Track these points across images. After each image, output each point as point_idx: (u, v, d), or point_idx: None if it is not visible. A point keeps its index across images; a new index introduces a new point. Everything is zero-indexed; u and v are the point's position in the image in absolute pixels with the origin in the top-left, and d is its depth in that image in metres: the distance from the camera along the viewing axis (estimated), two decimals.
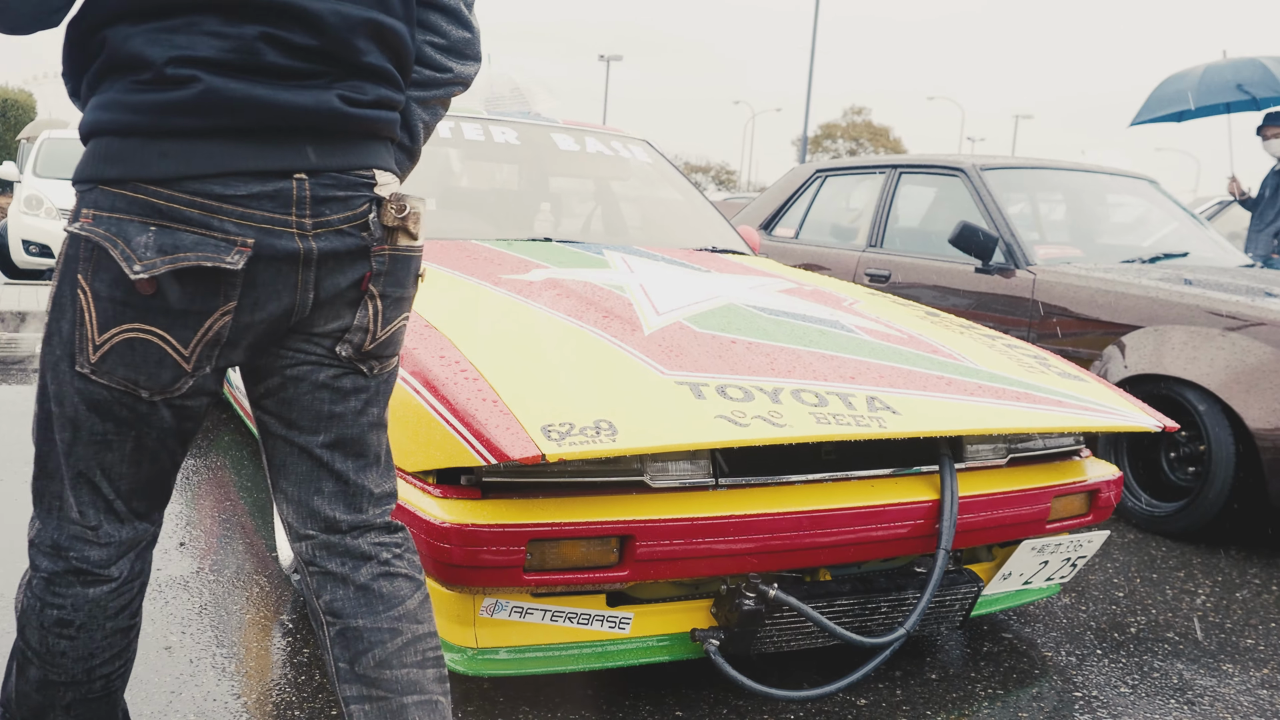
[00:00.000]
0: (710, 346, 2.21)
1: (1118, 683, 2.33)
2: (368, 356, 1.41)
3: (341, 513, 1.43)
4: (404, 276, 1.41)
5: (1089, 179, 4.86)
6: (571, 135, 3.79)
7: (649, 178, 3.91)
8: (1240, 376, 3.31)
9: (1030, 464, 2.41)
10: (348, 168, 1.34)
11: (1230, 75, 6.64)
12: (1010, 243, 4.23)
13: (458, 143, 3.57)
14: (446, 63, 1.49)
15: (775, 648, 2.07)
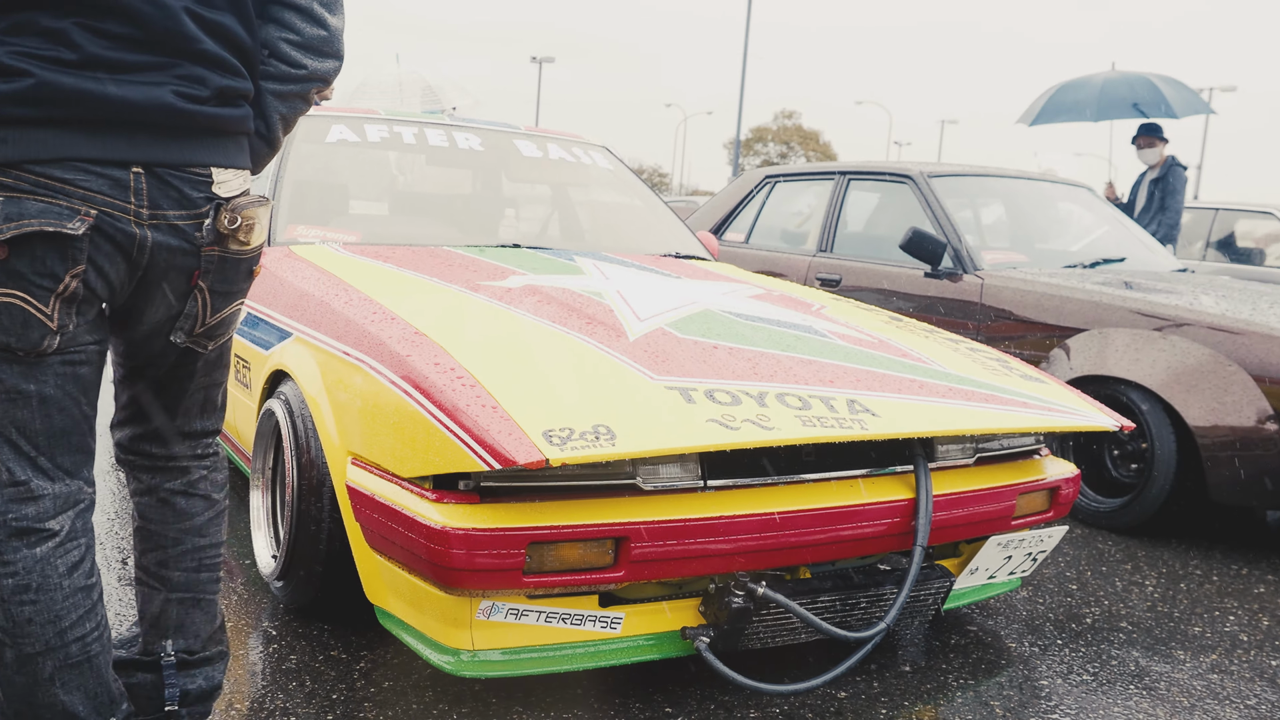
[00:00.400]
0: (694, 352, 2.27)
1: (1079, 671, 2.44)
2: (201, 338, 1.60)
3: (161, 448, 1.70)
4: (233, 275, 1.58)
5: (1031, 186, 5.02)
6: (534, 141, 3.83)
7: (609, 184, 3.96)
8: (1180, 377, 3.46)
9: (995, 463, 2.51)
10: (184, 164, 1.44)
11: (1126, 92, 7.18)
12: (958, 248, 4.36)
13: (422, 148, 3.58)
14: (301, 59, 1.59)
15: (761, 644, 2.14)
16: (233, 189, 1.52)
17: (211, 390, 1.73)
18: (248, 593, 2.59)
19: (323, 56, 1.62)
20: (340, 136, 3.47)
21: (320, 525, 2.27)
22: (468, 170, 3.82)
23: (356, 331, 2.28)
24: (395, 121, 3.61)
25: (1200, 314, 3.57)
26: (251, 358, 2.78)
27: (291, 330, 2.55)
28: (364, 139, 3.49)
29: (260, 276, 2.89)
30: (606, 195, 3.94)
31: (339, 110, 3.60)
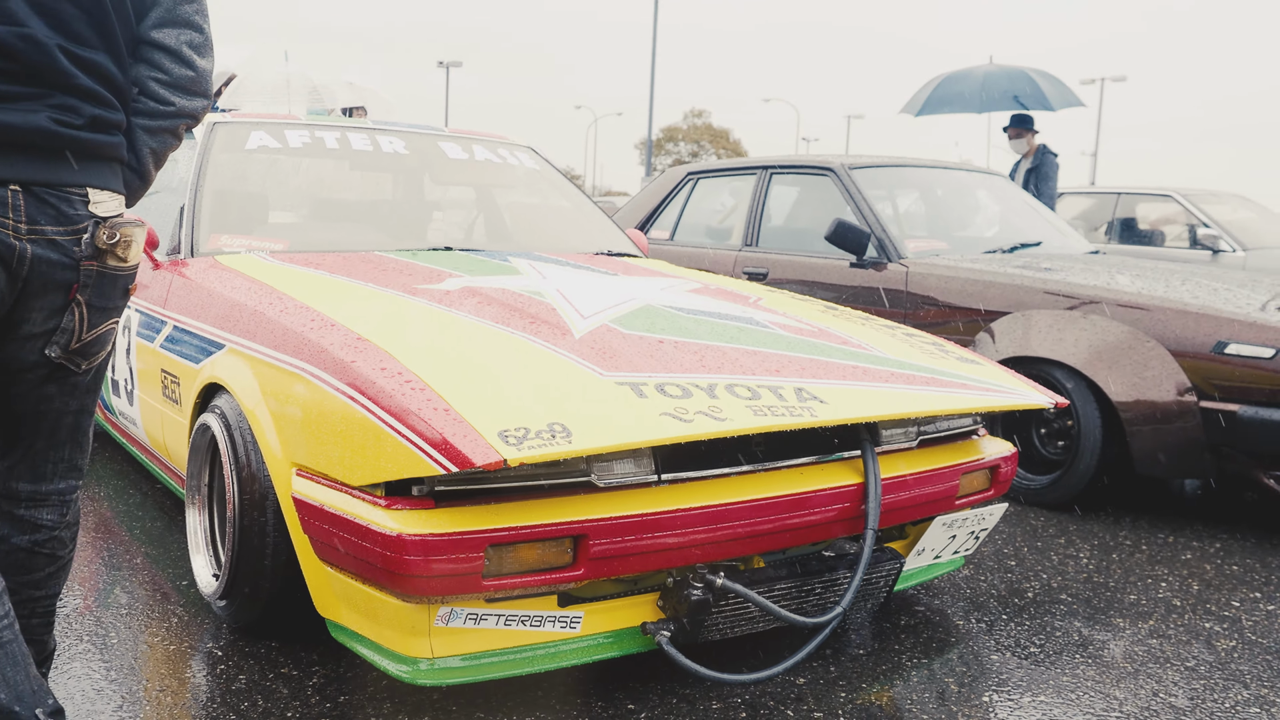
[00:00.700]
0: (641, 347, 2.26)
1: (1026, 644, 2.50)
2: (75, 355, 1.64)
3: (25, 483, 1.71)
4: (110, 290, 1.65)
5: (948, 175, 5.14)
6: (459, 143, 3.78)
7: (537, 184, 3.94)
8: (1101, 354, 3.57)
9: (937, 445, 2.56)
10: (60, 184, 1.54)
11: (1007, 85, 7.58)
12: (882, 238, 4.44)
13: (345, 153, 3.52)
14: (170, 96, 1.70)
15: (721, 635, 2.14)
16: (109, 209, 1.62)
17: (83, 418, 1.75)
18: (188, 614, 2.51)
19: (191, 95, 1.73)
20: (261, 143, 3.39)
21: (265, 540, 2.21)
22: (393, 174, 3.77)
23: (295, 339, 2.22)
24: (317, 127, 3.54)
25: (1117, 292, 3.69)
26: (181, 372, 2.70)
27: (224, 342, 2.48)
28: (285, 145, 3.42)
29: (186, 288, 2.81)
30: (534, 195, 3.92)
31: (259, 117, 3.51)
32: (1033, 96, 7.55)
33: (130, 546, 3.01)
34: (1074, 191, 8.95)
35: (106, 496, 3.49)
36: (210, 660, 2.28)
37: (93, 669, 2.21)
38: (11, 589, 1.70)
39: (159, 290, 2.99)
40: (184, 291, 2.83)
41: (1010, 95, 7.62)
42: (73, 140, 1.54)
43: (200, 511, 2.56)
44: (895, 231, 4.49)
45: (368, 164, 3.62)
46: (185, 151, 3.43)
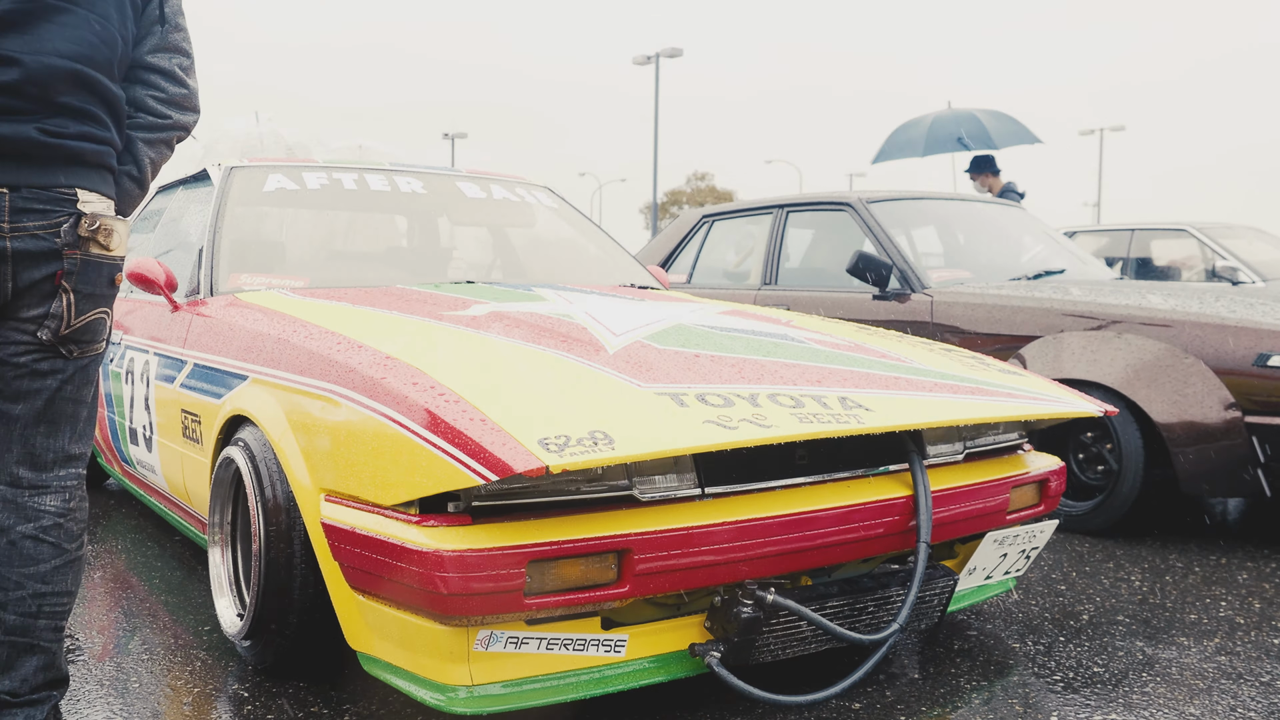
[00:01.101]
0: (677, 361, 2.20)
1: (1088, 664, 2.38)
2: (66, 340, 1.74)
3: (26, 471, 1.75)
4: (95, 277, 1.75)
5: (967, 207, 5.10)
6: (477, 183, 3.76)
7: (555, 222, 3.90)
8: (1139, 373, 3.49)
9: (984, 459, 2.47)
10: (50, 185, 1.68)
11: (953, 128, 7.68)
12: (904, 269, 4.38)
13: (363, 194, 3.49)
14: (166, 112, 1.89)
15: (772, 656, 2.04)
16: (96, 209, 1.74)
17: (79, 408, 1.81)
18: (211, 658, 2.41)
19: (184, 110, 1.92)
20: (278, 185, 3.36)
21: (292, 572, 2.12)
22: (411, 214, 3.73)
23: (321, 363, 2.16)
24: (334, 169, 3.51)
25: (1151, 310, 3.61)
26: (202, 410, 2.63)
27: (246, 373, 2.42)
28: (303, 187, 3.39)
29: (206, 325, 2.76)
30: (554, 233, 3.88)
31: (276, 161, 3.49)
32: (976, 136, 7.65)
33: (149, 597, 2.92)
34: (1087, 230, 8.92)
35: (124, 549, 3.41)
36: (236, 701, 2.18)
37: (114, 712, 2.11)
38: (17, 582, 1.72)
39: (178, 331, 2.94)
40: (203, 329, 2.78)
41: (954, 137, 7.73)
42: (60, 149, 1.68)
43: (223, 551, 2.47)
44: (917, 262, 4.44)
45: (386, 204, 3.59)
46: (198, 205, 3.41)
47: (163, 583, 3.04)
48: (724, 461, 2.03)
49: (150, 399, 3.07)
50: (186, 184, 3.72)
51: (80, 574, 1.82)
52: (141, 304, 3.42)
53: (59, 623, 1.77)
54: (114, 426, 3.54)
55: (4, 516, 1.74)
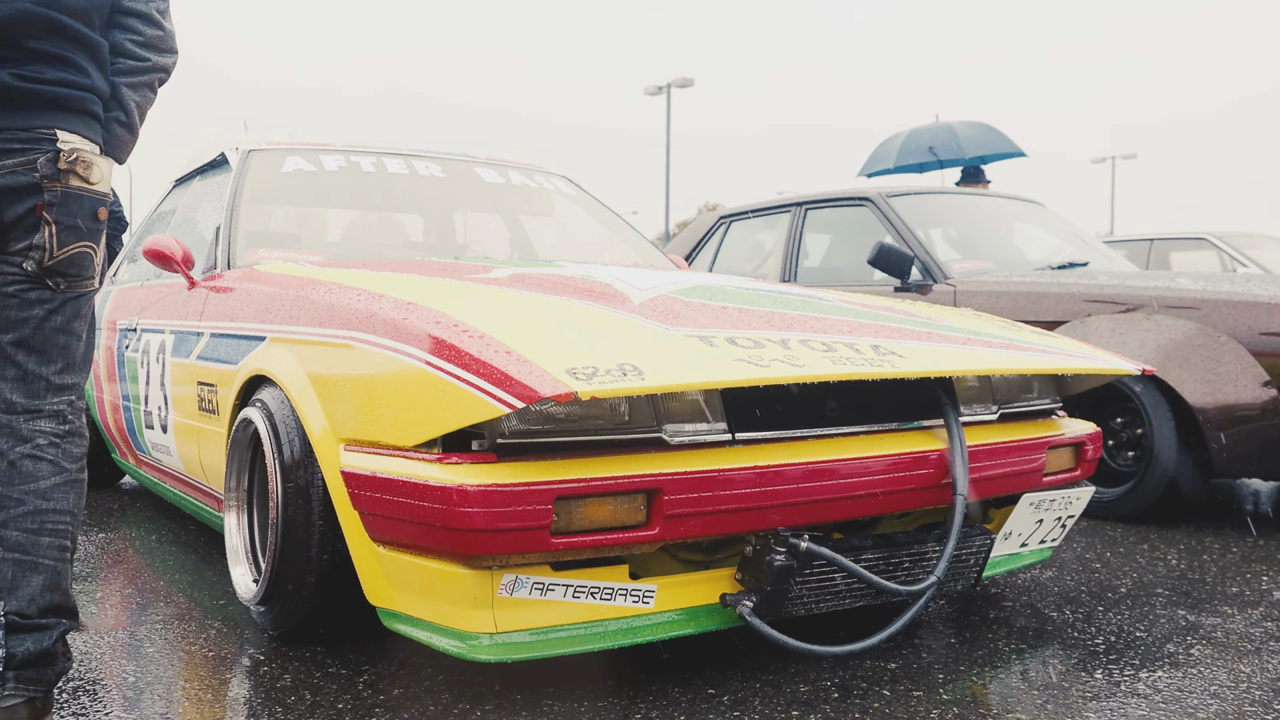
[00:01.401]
0: (705, 311, 2.15)
1: (1131, 629, 2.30)
2: (51, 272, 1.76)
3: (19, 397, 1.77)
4: (75, 209, 1.77)
5: (986, 203, 5.05)
6: (495, 169, 3.73)
7: (575, 208, 3.87)
8: (1171, 354, 3.41)
9: (1019, 421, 2.41)
10: (29, 127, 1.72)
11: (926, 139, 7.61)
12: (926, 260, 4.33)
13: (381, 177, 3.46)
14: (145, 55, 1.91)
15: (805, 609, 1.97)
16: (77, 145, 1.76)
17: (71, 340, 1.83)
18: (225, 627, 2.35)
19: (162, 52, 1.95)
20: (296, 167, 3.34)
21: (310, 530, 2.07)
22: (429, 198, 3.70)
23: (341, 313, 2.12)
24: (352, 152, 3.49)
25: (1181, 291, 3.55)
26: (218, 378, 2.59)
27: (264, 334, 2.38)
28: (321, 168, 3.37)
29: (223, 296, 2.73)
30: (573, 219, 3.84)
31: (294, 143, 3.47)
32: (947, 147, 7.60)
33: (163, 577, 2.87)
34: (1105, 240, 8.85)
35: (138, 537, 3.36)
36: (252, 663, 2.11)
37: (127, 675, 2.05)
38: (18, 500, 1.73)
39: (195, 306, 2.91)
40: (220, 300, 2.75)
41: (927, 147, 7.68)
42: (38, 94, 1.72)
43: (239, 516, 2.42)
44: (940, 254, 4.38)
45: (404, 187, 3.56)
46: (215, 192, 3.39)
47: (177, 565, 2.98)
48: (754, 409, 1.98)
49: (166, 378, 3.03)
50: (203, 173, 3.70)
51: (82, 497, 1.82)
52: (159, 289, 3.39)
53: (62, 541, 1.76)
54: (129, 416, 3.50)
55: (2, 441, 1.76)
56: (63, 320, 1.80)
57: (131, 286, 3.78)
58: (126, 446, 3.69)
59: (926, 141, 7.76)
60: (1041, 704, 1.87)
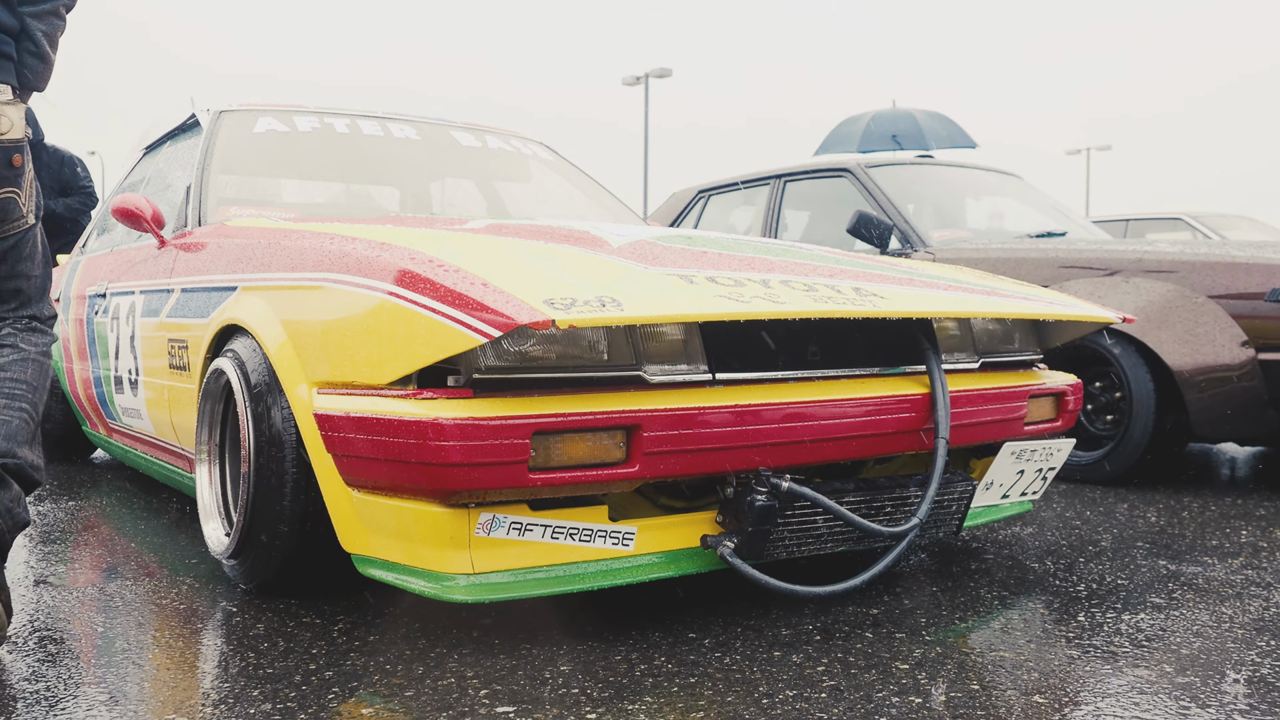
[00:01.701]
0: (684, 254, 2.12)
1: (1112, 578, 2.29)
2: None
3: None
4: None
5: (964, 174, 5.04)
6: (472, 133, 3.68)
7: (553, 175, 3.83)
8: (1150, 315, 3.42)
9: (1000, 370, 2.40)
10: None
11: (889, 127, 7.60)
12: (905, 229, 4.32)
13: (355, 138, 3.41)
14: None
15: (787, 552, 1.95)
16: None
17: (21, 281, 1.97)
18: (198, 582, 2.31)
19: None
20: (268, 127, 3.28)
21: (283, 478, 2.02)
22: (404, 160, 3.65)
23: (314, 256, 2.07)
24: (326, 113, 3.44)
25: (1159, 253, 3.55)
26: (189, 333, 2.54)
27: (235, 284, 2.33)
28: (294, 129, 3.31)
29: (192, 252, 2.67)
30: (551, 184, 3.80)
31: (266, 105, 3.42)
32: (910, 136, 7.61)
33: (134, 539, 2.81)
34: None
35: (109, 505, 3.30)
36: (224, 614, 2.07)
37: (95, 625, 2.01)
38: None
39: (165, 264, 2.85)
40: (190, 257, 2.69)
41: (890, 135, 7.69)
42: None
43: (210, 470, 2.38)
44: (919, 222, 4.37)
45: (378, 149, 3.51)
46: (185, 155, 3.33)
47: (149, 529, 2.93)
48: (734, 351, 1.95)
49: (136, 339, 2.98)
50: (173, 137, 3.63)
51: (42, 373, 1.98)
52: (128, 253, 3.33)
53: (19, 404, 1.90)
54: (98, 382, 3.44)
55: None
56: (11, 269, 1.95)
57: (100, 254, 3.71)
58: (97, 416, 3.63)
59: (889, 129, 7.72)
60: (1025, 643, 1.85)
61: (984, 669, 1.72)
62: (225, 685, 1.66)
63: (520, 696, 1.60)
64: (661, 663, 1.75)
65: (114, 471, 3.98)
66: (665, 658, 1.77)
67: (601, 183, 3.94)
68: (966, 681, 1.66)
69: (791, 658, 1.77)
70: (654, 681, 1.66)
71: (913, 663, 1.75)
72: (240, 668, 1.74)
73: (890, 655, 1.78)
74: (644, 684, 1.65)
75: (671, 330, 1.88)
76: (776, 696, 1.59)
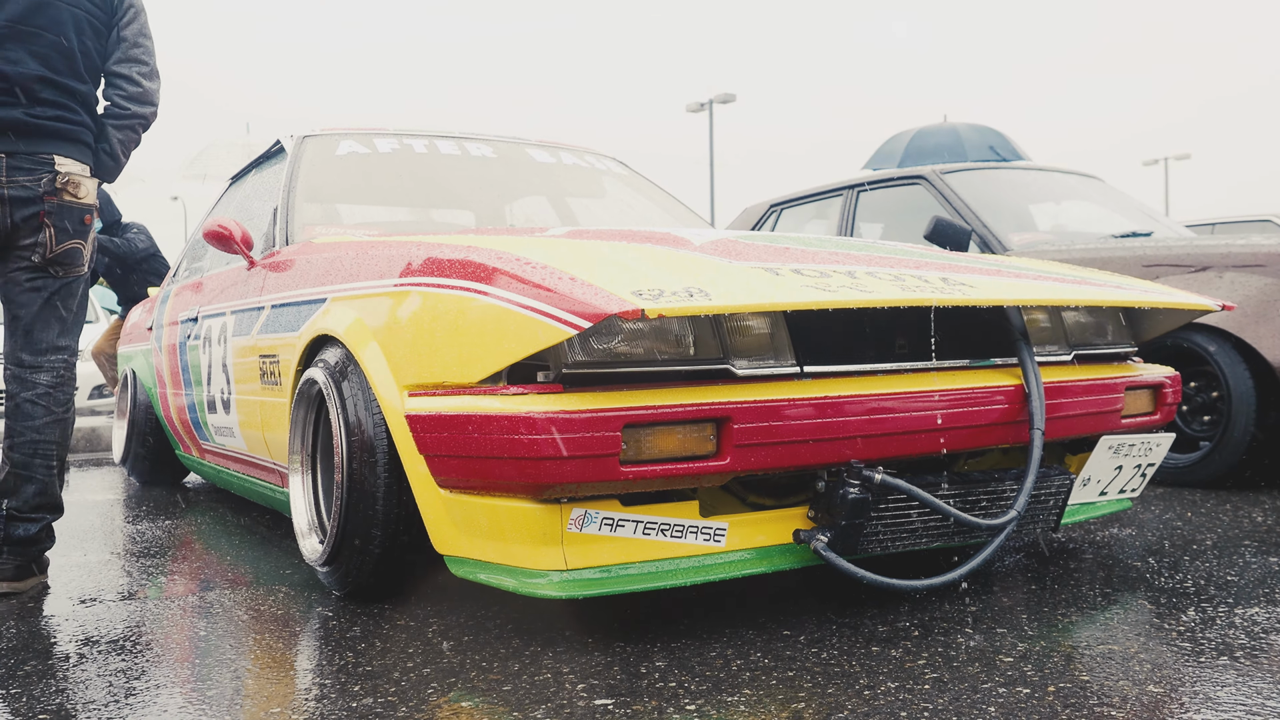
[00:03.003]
0: (767, 249, 2.11)
1: (1220, 574, 2.21)
2: (52, 263, 2.42)
3: (27, 355, 2.44)
4: (69, 216, 2.42)
5: (1043, 177, 4.96)
6: (546, 150, 3.73)
7: (626, 190, 3.85)
8: (1246, 310, 3.31)
9: (1094, 363, 2.34)
10: (35, 152, 2.36)
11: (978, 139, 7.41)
12: (984, 233, 4.25)
13: (434, 158, 3.47)
14: (127, 105, 2.56)
15: (881, 547, 1.92)
16: (69, 169, 2.41)
17: (65, 313, 2.49)
18: (294, 590, 2.34)
19: (142, 104, 2.58)
20: (350, 150, 3.36)
21: (375, 482, 2.05)
22: (482, 178, 3.70)
23: (400, 264, 2.11)
24: (405, 135, 3.51)
25: (1254, 246, 3.44)
26: (280, 347, 2.59)
27: (324, 296, 2.38)
28: (374, 150, 3.38)
29: (281, 269, 2.74)
30: (627, 199, 3.82)
31: (348, 129, 3.50)
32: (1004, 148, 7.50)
33: (229, 553, 2.87)
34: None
35: (205, 524, 3.38)
36: (320, 619, 2.10)
37: (197, 630, 2.05)
38: (19, 432, 2.41)
39: (255, 283, 2.93)
40: (278, 274, 2.76)
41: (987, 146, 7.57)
42: (41, 127, 2.36)
43: (304, 478, 2.42)
44: (998, 225, 4.30)
45: (457, 168, 3.57)
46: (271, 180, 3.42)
47: (243, 543, 2.99)
48: (822, 343, 1.93)
49: (228, 358, 3.06)
50: (258, 165, 3.74)
51: (67, 430, 2.48)
52: (218, 277, 3.42)
53: (49, 463, 2.44)
54: (191, 406, 3.54)
55: (13, 387, 2.43)
56: (61, 300, 2.46)
57: (190, 281, 3.82)
58: (190, 439, 3.73)
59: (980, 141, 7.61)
60: (1133, 637, 1.79)
61: (1093, 661, 1.66)
62: (326, 682, 1.68)
63: (618, 690, 1.59)
64: (757, 658, 1.72)
65: (207, 493, 4.08)
66: (761, 653, 1.75)
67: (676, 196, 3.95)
68: (1076, 673, 1.61)
69: (890, 652, 1.74)
70: (751, 675, 1.64)
71: (1016, 655, 1.70)
72: (339, 666, 1.76)
73: (993, 649, 1.74)
74: (741, 677, 1.63)
75: (758, 323, 1.87)
76: (878, 688, 1.56)
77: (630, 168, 3.98)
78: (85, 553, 2.90)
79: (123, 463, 4.55)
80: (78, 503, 3.93)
